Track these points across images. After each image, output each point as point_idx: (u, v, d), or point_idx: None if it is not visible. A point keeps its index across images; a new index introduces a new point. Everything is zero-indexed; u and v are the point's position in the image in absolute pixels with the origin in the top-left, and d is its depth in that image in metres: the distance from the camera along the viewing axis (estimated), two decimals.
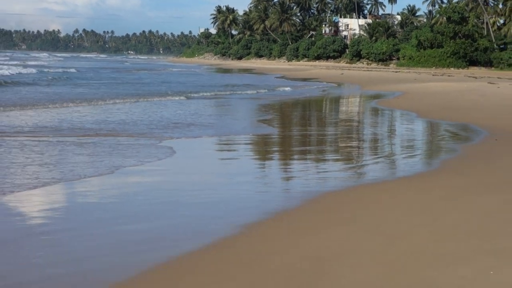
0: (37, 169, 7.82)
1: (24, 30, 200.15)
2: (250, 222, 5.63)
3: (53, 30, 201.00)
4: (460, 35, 54.31)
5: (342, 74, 46.85)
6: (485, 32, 56.88)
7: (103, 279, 4.07)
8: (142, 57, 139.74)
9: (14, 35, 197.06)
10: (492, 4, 59.23)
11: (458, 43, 54.20)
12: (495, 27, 57.58)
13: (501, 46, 54.94)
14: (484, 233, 5.24)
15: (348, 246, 4.88)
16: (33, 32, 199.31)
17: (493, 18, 58.03)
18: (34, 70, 38.08)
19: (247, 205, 6.64)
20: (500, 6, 57.58)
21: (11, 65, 43.94)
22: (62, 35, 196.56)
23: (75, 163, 8.33)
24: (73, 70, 43.31)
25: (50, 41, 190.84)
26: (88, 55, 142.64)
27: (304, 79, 41.38)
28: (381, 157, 10.57)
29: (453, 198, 6.83)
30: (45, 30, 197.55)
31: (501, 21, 57.44)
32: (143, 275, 4.09)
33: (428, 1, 69.27)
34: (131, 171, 8.15)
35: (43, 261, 4.46)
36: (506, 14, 55.12)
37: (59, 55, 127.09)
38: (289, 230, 5.47)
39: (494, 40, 55.46)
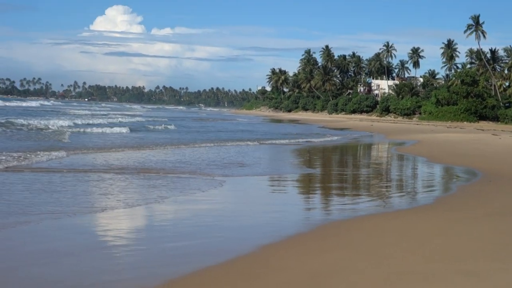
0: (104, 197, 9.45)
1: (115, 85, 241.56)
2: (268, 243, 6.60)
3: (139, 86, 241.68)
4: (472, 94, 63.93)
5: (372, 125, 54.15)
6: (493, 93, 67.17)
7: (140, 285, 4.97)
8: (211, 109, 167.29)
9: (107, 90, 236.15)
10: (499, 70, 70.55)
11: (470, 101, 63.55)
12: (502, 88, 67.53)
13: (506, 104, 65.03)
14: (464, 256, 6.01)
15: (346, 264, 5.75)
16: (122, 87, 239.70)
17: (500, 81, 68.32)
18: (143, 119, 47.89)
19: (271, 229, 7.63)
20: (506, 71, 68.78)
21: (125, 114, 54.77)
22: (146, 90, 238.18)
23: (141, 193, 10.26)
24: (168, 121, 49.11)
25: (136, 95, 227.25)
26: (168, 107, 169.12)
27: (341, 129, 47.61)
28: (389, 193, 12.18)
29: (442, 223, 7.87)
30: (132, 86, 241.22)
31: (507, 84, 67.93)
32: (171, 282, 5.00)
33: (446, 66, 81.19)
34: (186, 199, 9.91)
35: (96, 270, 5.46)
36: (511, 78, 66.14)
37: (148, 106, 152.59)
38: (299, 251, 6.37)
39: (500, 99, 65.35)
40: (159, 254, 6.18)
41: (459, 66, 76.44)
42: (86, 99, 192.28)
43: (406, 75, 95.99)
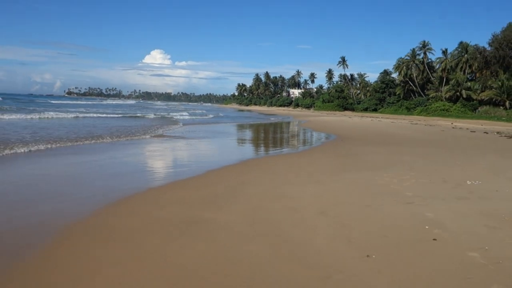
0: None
1: (156, 92, 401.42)
2: (214, 169, 12.06)
3: (169, 92, 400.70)
4: (340, 97, 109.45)
5: (289, 112, 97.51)
6: (351, 96, 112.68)
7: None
8: (207, 104, 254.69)
9: (152, 94, 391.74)
10: (354, 84, 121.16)
11: (340, 101, 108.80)
12: (355, 94, 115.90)
13: (357, 102, 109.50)
14: (318, 174, 10.97)
15: (258, 178, 10.58)
16: (160, 92, 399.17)
17: (354, 90, 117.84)
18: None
19: (218, 163, 13.40)
20: (358, 85, 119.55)
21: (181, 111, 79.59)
22: (172, 94, 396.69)
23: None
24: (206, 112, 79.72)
25: (167, 97, 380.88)
26: (184, 103, 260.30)
27: (272, 114, 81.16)
28: (287, 145, 19.76)
29: (310, 159, 13.66)
30: (165, 92, 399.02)
31: (358, 91, 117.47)
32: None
33: (327, 83, 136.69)
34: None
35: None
36: (360, 88, 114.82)
37: (175, 103, 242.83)
38: (233, 172, 11.44)
39: (354, 99, 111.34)
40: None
41: (334, 82, 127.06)
42: (141, 99, 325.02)
43: (307, 86, 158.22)
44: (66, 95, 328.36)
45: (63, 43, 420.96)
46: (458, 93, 72.80)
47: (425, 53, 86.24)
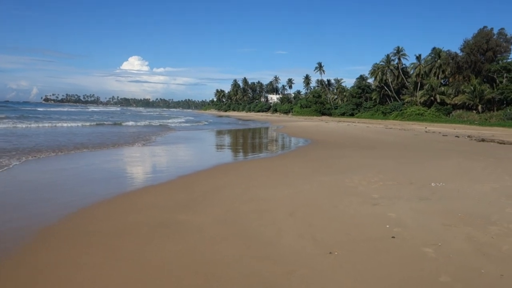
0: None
1: (134, 98, 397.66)
2: (193, 172, 12.50)
3: (147, 98, 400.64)
4: (318, 102, 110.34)
5: (266, 118, 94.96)
6: (329, 101, 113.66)
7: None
8: (186, 110, 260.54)
9: (130, 100, 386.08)
10: (331, 89, 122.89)
11: (317, 106, 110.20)
12: (333, 99, 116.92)
13: (334, 107, 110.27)
14: (290, 177, 11.43)
15: (233, 181, 10.88)
16: (138, 99, 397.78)
17: (332, 95, 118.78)
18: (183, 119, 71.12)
19: (196, 167, 13.53)
20: (335, 90, 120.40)
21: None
22: (150, 100, 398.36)
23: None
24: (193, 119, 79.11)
25: (145, 103, 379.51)
26: (164, 109, 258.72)
27: (250, 120, 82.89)
28: (262, 150, 20.24)
29: (283, 163, 14.05)
30: (143, 98, 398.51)
31: (335, 97, 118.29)
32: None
33: (305, 88, 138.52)
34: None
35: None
36: (337, 93, 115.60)
37: (154, 109, 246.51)
38: (208, 176, 11.72)
39: (332, 105, 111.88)
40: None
41: (312, 88, 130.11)
42: (119, 105, 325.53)
43: (285, 92, 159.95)
44: (43, 101, 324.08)
45: (39, 50, 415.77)
46: (432, 98, 74.72)
47: (399, 59, 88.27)
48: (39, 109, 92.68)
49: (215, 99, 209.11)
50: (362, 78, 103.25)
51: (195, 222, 7.07)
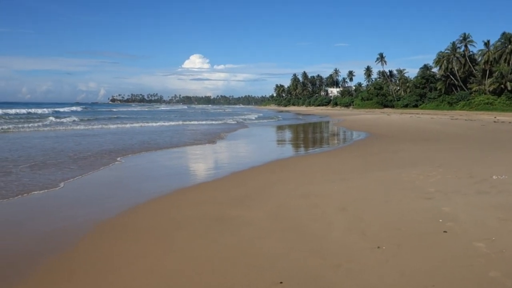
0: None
1: (196, 96, 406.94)
2: (255, 166, 12.64)
3: (208, 96, 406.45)
4: (379, 94, 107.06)
5: (326, 112, 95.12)
6: (391, 93, 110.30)
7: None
8: (246, 106, 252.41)
9: (192, 98, 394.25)
10: (393, 81, 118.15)
11: (379, 98, 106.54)
12: (395, 90, 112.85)
13: (397, 99, 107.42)
14: (345, 172, 11.38)
15: (289, 177, 11.13)
16: (199, 96, 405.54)
17: (394, 87, 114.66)
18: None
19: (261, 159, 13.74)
20: (397, 81, 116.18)
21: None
22: (212, 97, 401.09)
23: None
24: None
25: (207, 100, 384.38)
26: (226, 106, 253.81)
27: (306, 114, 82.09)
28: (322, 144, 20.47)
29: (339, 157, 14.28)
30: (204, 95, 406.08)
31: (398, 88, 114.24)
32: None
33: (366, 80, 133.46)
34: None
35: None
36: (400, 84, 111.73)
37: (215, 106, 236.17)
38: (264, 171, 11.96)
39: (394, 96, 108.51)
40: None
41: (373, 80, 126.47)
42: (181, 103, 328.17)
43: (346, 85, 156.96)
44: (110, 102, 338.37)
45: (107, 52, 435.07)
46: (502, 86, 70.42)
47: (466, 46, 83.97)
48: (113, 109, 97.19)
49: (274, 94, 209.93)
50: (426, 67, 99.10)
51: (247, 217, 7.35)
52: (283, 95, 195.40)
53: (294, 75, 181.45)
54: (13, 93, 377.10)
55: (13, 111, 53.46)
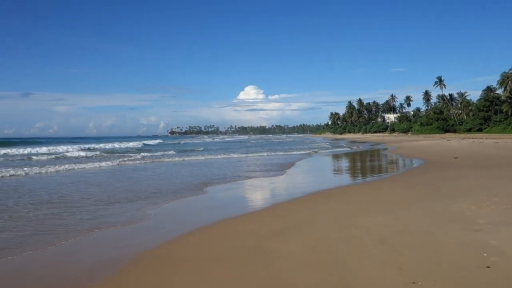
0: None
1: (251, 126, 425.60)
2: (297, 197, 12.86)
3: (263, 125, 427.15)
4: (440, 119, 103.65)
5: (383, 139, 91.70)
6: (452, 117, 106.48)
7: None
8: (300, 135, 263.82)
9: (247, 128, 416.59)
10: (454, 104, 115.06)
11: (439, 123, 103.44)
12: (457, 114, 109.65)
13: (459, 123, 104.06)
14: (390, 204, 11.21)
15: (325, 209, 11.07)
16: (254, 126, 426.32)
17: (455, 110, 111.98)
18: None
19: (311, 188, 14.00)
20: (458, 105, 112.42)
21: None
22: (266, 127, 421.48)
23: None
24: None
25: (261, 130, 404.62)
26: (280, 136, 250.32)
27: (361, 142, 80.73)
28: (373, 173, 20.01)
29: (387, 187, 13.93)
30: (259, 125, 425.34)
31: (460, 112, 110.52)
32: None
33: (425, 105, 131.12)
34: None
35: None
36: (462, 108, 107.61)
37: (270, 136, 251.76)
38: (309, 201, 11.99)
39: (456, 120, 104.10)
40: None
41: (432, 104, 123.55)
42: (237, 134, 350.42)
43: (403, 110, 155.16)
44: (169, 134, 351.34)
45: (167, 87, 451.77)
46: None
47: None
48: (181, 142, 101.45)
49: (329, 122, 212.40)
50: (489, 89, 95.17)
51: (285, 249, 7.35)
52: (338, 122, 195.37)
53: (349, 102, 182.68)
54: (82, 128, 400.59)
55: (109, 145, 59.47)
